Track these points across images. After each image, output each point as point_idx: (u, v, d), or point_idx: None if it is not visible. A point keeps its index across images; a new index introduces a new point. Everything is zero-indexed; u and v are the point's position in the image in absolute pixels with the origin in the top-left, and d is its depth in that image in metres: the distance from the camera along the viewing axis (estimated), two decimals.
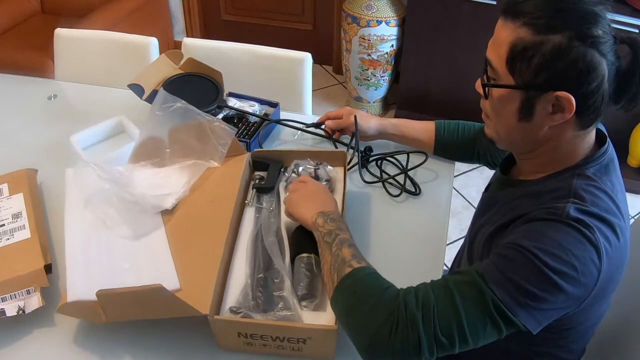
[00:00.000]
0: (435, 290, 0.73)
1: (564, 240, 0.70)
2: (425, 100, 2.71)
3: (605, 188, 0.76)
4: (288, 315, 0.85)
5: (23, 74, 1.58)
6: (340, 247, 0.84)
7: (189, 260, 0.94)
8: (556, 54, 0.70)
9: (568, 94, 0.71)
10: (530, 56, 0.71)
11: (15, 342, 0.90)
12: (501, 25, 0.75)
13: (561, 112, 0.74)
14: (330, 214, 0.91)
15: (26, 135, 1.36)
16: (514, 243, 0.72)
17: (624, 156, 2.42)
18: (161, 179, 1.10)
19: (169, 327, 0.90)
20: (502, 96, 0.78)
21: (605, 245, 0.71)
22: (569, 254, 0.69)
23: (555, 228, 0.71)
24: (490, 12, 2.30)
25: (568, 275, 0.69)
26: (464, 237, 2.20)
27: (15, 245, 0.98)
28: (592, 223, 0.71)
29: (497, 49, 0.76)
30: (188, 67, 1.38)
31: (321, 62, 3.23)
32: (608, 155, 0.80)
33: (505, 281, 0.70)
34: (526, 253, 0.70)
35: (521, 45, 0.72)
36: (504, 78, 0.76)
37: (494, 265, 0.72)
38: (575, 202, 0.73)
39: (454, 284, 0.73)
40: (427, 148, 1.23)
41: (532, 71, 0.72)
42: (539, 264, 0.68)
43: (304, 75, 1.59)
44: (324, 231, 0.88)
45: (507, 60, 0.74)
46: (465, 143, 1.19)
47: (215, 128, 1.09)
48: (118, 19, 2.63)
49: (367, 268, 0.80)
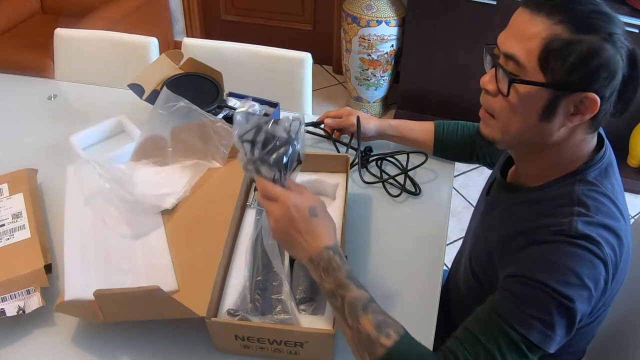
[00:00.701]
0: (472, 353, 0.72)
1: (576, 265, 0.70)
2: (425, 100, 2.71)
3: (607, 192, 0.76)
4: (286, 318, 0.85)
5: (23, 74, 1.58)
6: (357, 318, 0.75)
7: (188, 261, 0.94)
8: (592, 54, 0.69)
9: (595, 95, 0.71)
10: (567, 54, 0.70)
11: (15, 342, 0.90)
12: (529, 19, 0.72)
13: (580, 114, 0.73)
14: (319, 261, 0.78)
15: (26, 135, 1.36)
16: (529, 277, 0.71)
17: (624, 156, 2.42)
18: (162, 179, 1.10)
19: (167, 328, 0.90)
20: (528, 93, 0.74)
21: (611, 255, 0.72)
22: (583, 277, 0.69)
23: (565, 252, 0.70)
24: (490, 12, 2.30)
25: (585, 297, 0.70)
26: (463, 237, 2.20)
27: (15, 245, 0.98)
28: (598, 237, 0.71)
29: (523, 43, 0.72)
30: (188, 67, 1.38)
31: (321, 62, 3.23)
32: (607, 158, 0.80)
33: (528, 319, 0.70)
34: (544, 288, 0.70)
35: (558, 43, 0.70)
36: (532, 74, 0.73)
37: (512, 304, 0.72)
38: (580, 212, 0.73)
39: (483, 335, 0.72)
40: (426, 148, 1.23)
41: (566, 70, 0.70)
42: (559, 297, 0.69)
43: (304, 75, 1.59)
44: (326, 291, 0.79)
45: (540, 56, 0.71)
46: (464, 143, 1.19)
47: (218, 128, 1.09)
48: (118, 19, 2.63)
49: (400, 345, 0.73)
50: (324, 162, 1.13)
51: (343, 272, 0.78)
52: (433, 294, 0.98)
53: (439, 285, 1.00)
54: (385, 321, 0.75)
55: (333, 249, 0.79)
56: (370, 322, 0.74)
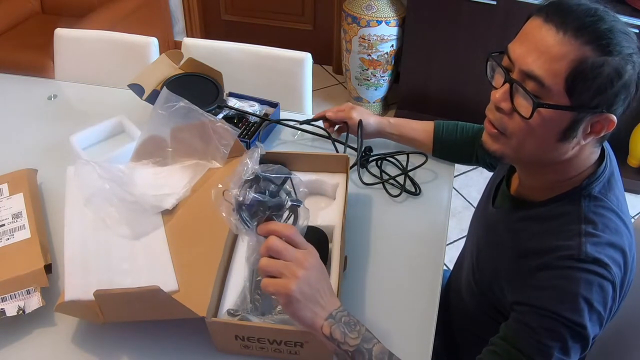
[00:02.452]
0: None
1: (586, 291, 0.70)
2: (425, 100, 2.71)
3: (612, 206, 0.76)
4: (286, 318, 0.85)
5: (23, 74, 1.58)
6: None
7: (188, 262, 0.94)
8: (617, 75, 0.68)
9: (613, 116, 0.70)
10: (594, 77, 0.67)
11: (15, 342, 0.90)
12: (554, 38, 0.68)
13: (596, 132, 0.72)
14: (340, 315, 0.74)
15: (26, 135, 1.36)
16: (542, 308, 0.71)
17: (624, 156, 2.42)
18: (162, 179, 1.10)
19: (167, 329, 0.90)
20: (550, 117, 0.71)
21: (618, 274, 0.72)
22: (593, 302, 0.70)
23: (575, 279, 0.70)
24: (490, 12, 2.30)
25: (596, 320, 0.71)
26: (463, 237, 2.20)
27: (15, 245, 0.98)
28: (607, 258, 0.71)
29: (549, 64, 0.68)
30: (188, 67, 1.38)
31: (321, 62, 3.23)
32: (608, 169, 0.79)
33: (546, 350, 0.71)
34: (557, 318, 0.70)
35: (585, 65, 0.67)
36: (557, 97, 0.69)
37: (529, 337, 0.72)
38: (587, 232, 0.72)
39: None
40: (425, 149, 1.22)
41: (592, 92, 0.68)
42: (572, 325, 0.70)
43: (304, 75, 1.59)
44: (350, 349, 0.73)
45: (567, 79, 0.68)
46: (464, 144, 1.18)
47: (218, 128, 1.09)
48: (118, 19, 2.63)
49: None
50: (324, 162, 1.13)
51: (362, 326, 0.75)
52: (433, 294, 0.98)
53: (439, 285, 1.00)
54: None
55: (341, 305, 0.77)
56: None
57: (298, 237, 0.75)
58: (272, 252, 0.73)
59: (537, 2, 0.74)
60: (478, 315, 0.93)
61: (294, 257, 0.73)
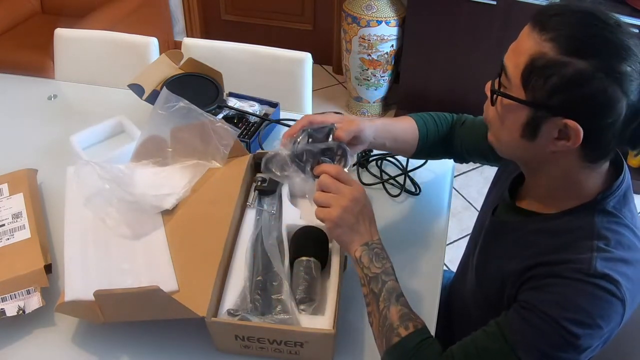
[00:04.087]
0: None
1: (591, 305, 0.69)
2: (425, 100, 2.71)
3: (627, 222, 0.74)
4: (286, 318, 0.85)
5: (23, 74, 1.58)
6: (389, 305, 0.80)
7: (188, 262, 0.94)
8: (577, 80, 0.65)
9: (577, 125, 0.67)
10: (549, 75, 0.67)
11: (15, 342, 0.90)
12: (527, 33, 0.70)
13: (566, 140, 0.70)
14: (374, 246, 0.85)
15: (26, 135, 1.36)
16: (543, 311, 0.70)
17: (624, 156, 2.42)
18: (162, 179, 1.10)
19: (167, 328, 0.90)
20: (509, 107, 0.74)
21: (630, 290, 0.70)
22: (595, 317, 0.69)
23: (582, 292, 0.69)
24: (490, 12, 2.30)
25: (594, 335, 0.69)
26: (463, 237, 2.20)
27: (15, 245, 0.98)
28: (617, 274, 0.69)
29: (516, 57, 0.71)
30: (188, 67, 1.38)
31: (321, 62, 3.23)
32: (625, 183, 0.77)
33: (534, 350, 0.70)
34: (554, 324, 0.69)
35: (542, 61, 0.67)
36: (515, 89, 0.72)
37: (521, 332, 0.72)
38: (600, 247, 0.71)
39: (486, 354, 0.73)
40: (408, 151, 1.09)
41: (546, 91, 0.68)
42: (567, 335, 0.69)
43: (304, 75, 1.59)
44: (370, 274, 0.83)
45: (524, 72, 0.70)
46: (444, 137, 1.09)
47: (218, 128, 1.09)
48: (118, 19, 2.63)
49: (414, 336, 0.78)
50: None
51: (389, 262, 0.85)
52: (433, 294, 0.98)
53: (439, 285, 1.00)
54: (409, 315, 0.80)
55: (380, 239, 0.87)
56: (398, 312, 0.80)
57: (344, 175, 0.88)
58: (324, 188, 0.86)
59: (536, 2, 0.75)
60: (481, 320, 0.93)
61: (340, 191, 0.85)
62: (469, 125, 1.09)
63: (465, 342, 0.77)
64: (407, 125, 1.07)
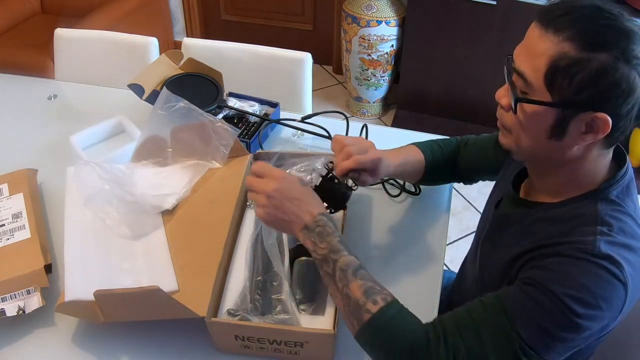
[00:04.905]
0: (465, 338, 0.73)
1: (593, 284, 0.69)
2: (425, 100, 2.71)
3: (629, 211, 0.75)
4: (286, 318, 0.85)
5: (23, 74, 1.58)
6: (347, 283, 0.78)
7: (188, 262, 0.94)
8: (601, 73, 0.66)
9: (606, 116, 0.68)
10: (574, 73, 0.67)
11: (15, 342, 0.90)
12: (539, 35, 0.70)
13: (593, 133, 0.71)
14: (315, 226, 0.82)
15: (26, 135, 1.36)
16: (544, 286, 0.70)
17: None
18: (162, 179, 1.10)
19: (167, 329, 0.90)
20: (534, 113, 0.73)
21: (631, 274, 0.70)
22: (598, 297, 0.69)
23: (585, 269, 0.69)
24: (490, 12, 2.30)
25: (595, 317, 0.69)
26: (463, 237, 2.21)
27: (15, 245, 0.98)
28: (620, 257, 0.70)
29: (532, 61, 0.70)
30: (188, 67, 1.38)
31: (321, 62, 3.23)
32: (629, 174, 0.78)
33: (533, 325, 0.70)
34: (555, 300, 0.69)
35: (565, 61, 0.67)
36: (539, 93, 0.71)
37: (521, 306, 0.71)
38: (603, 232, 0.71)
39: (483, 325, 0.73)
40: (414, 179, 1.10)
41: (573, 89, 0.68)
42: (569, 313, 0.68)
43: (304, 75, 1.59)
44: (319, 257, 0.81)
45: (546, 75, 0.69)
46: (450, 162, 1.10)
47: (218, 128, 1.09)
48: (118, 19, 2.63)
49: (387, 310, 0.76)
50: None
51: (336, 237, 0.81)
52: (433, 294, 0.98)
53: (439, 285, 1.00)
54: (373, 288, 0.77)
55: (326, 215, 0.84)
56: (359, 288, 0.77)
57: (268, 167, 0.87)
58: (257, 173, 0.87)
59: (536, 2, 0.75)
60: None
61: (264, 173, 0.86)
62: (472, 143, 1.10)
63: (458, 312, 0.76)
64: (418, 158, 1.06)
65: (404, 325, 0.76)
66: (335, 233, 0.82)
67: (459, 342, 0.73)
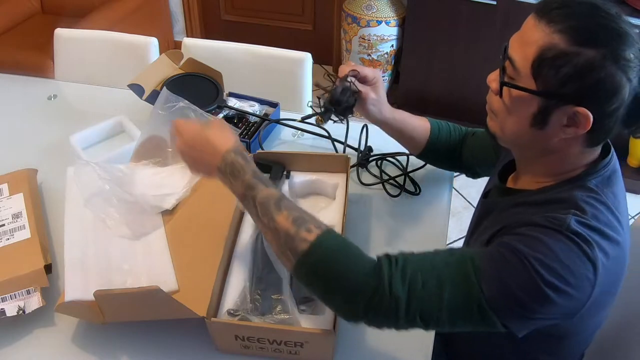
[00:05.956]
0: (424, 275, 0.72)
1: (563, 254, 0.69)
2: (425, 100, 2.71)
3: (606, 201, 0.75)
4: (286, 318, 0.85)
5: (23, 74, 1.58)
6: (272, 217, 0.75)
7: (188, 262, 0.95)
8: (587, 68, 0.67)
9: (587, 111, 0.69)
10: (560, 65, 0.69)
11: (15, 342, 0.90)
12: (533, 25, 0.72)
13: (575, 127, 0.72)
14: (225, 165, 0.80)
15: (26, 135, 1.36)
16: (513, 246, 0.71)
17: (624, 156, 2.42)
18: (162, 179, 1.10)
19: (167, 329, 0.90)
20: (519, 98, 0.75)
21: (602, 260, 0.70)
22: (566, 268, 0.68)
23: (555, 239, 0.70)
24: (490, 12, 2.30)
25: (561, 289, 0.68)
26: (463, 237, 2.20)
27: (15, 245, 0.98)
28: (591, 238, 0.70)
29: (523, 49, 0.72)
30: (188, 67, 1.38)
31: (321, 62, 3.22)
32: (611, 166, 0.78)
33: (497, 282, 0.70)
34: (523, 260, 0.69)
35: (553, 52, 0.69)
36: (525, 80, 0.73)
37: (489, 262, 0.71)
38: (576, 213, 0.72)
39: (446, 269, 0.72)
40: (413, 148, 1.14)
41: (558, 81, 0.69)
42: (534, 275, 0.68)
43: (304, 75, 1.59)
44: (239, 197, 0.80)
45: (534, 63, 0.71)
46: (455, 146, 1.13)
47: None
48: (118, 19, 2.62)
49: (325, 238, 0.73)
50: (324, 162, 1.13)
51: (248, 172, 0.79)
52: None
53: None
54: (301, 217, 0.75)
55: (234, 151, 0.81)
56: (286, 218, 0.74)
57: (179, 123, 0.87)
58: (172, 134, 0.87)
59: (537, 2, 0.75)
60: None
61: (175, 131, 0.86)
62: (479, 135, 1.11)
63: (425, 252, 0.76)
64: (422, 122, 1.12)
65: (350, 253, 0.74)
66: (247, 168, 0.79)
67: (417, 277, 0.72)
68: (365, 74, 1.06)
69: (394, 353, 0.90)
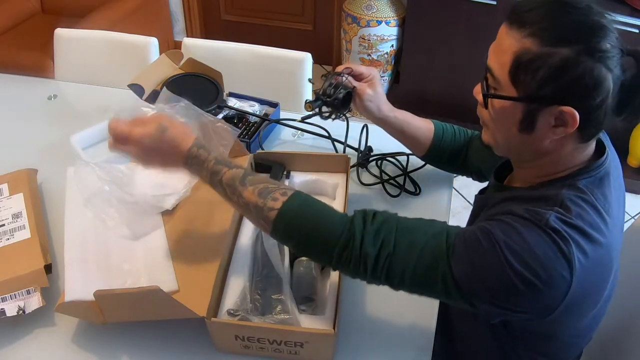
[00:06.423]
0: (398, 237, 0.75)
1: (536, 247, 0.68)
2: (425, 101, 2.71)
3: (594, 202, 0.74)
4: (286, 318, 0.85)
5: (23, 74, 1.58)
6: (240, 194, 0.80)
7: (188, 262, 0.95)
8: (563, 67, 0.67)
9: (572, 109, 0.69)
10: (536, 68, 0.69)
11: (15, 342, 0.90)
12: (505, 32, 0.72)
13: (563, 126, 0.71)
14: (191, 161, 0.84)
15: (26, 135, 1.36)
16: (489, 230, 0.71)
17: (624, 156, 2.42)
18: (162, 179, 1.10)
19: (167, 329, 0.90)
20: (503, 107, 0.75)
21: (580, 260, 0.69)
22: (537, 261, 0.68)
23: (532, 231, 0.69)
24: (490, 12, 2.30)
25: (529, 282, 0.68)
26: None
27: (15, 245, 0.98)
28: (570, 236, 0.69)
29: (499, 57, 0.73)
30: (188, 67, 1.38)
31: (321, 62, 3.22)
32: (605, 167, 0.77)
33: (467, 261, 0.71)
34: (495, 245, 0.69)
35: (527, 57, 0.69)
36: (506, 88, 0.73)
37: (463, 241, 0.72)
38: (558, 211, 0.71)
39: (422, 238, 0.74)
40: (417, 149, 1.14)
41: (536, 84, 0.70)
42: (503, 261, 0.68)
43: (304, 76, 1.59)
44: (209, 184, 0.84)
45: (511, 71, 0.71)
46: (459, 149, 1.13)
47: (218, 128, 1.09)
48: (118, 19, 2.63)
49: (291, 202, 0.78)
50: (324, 162, 1.13)
51: (211, 160, 0.83)
52: None
53: None
54: (266, 187, 0.79)
55: (195, 145, 0.85)
56: (252, 193, 0.79)
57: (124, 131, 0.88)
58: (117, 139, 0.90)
59: None
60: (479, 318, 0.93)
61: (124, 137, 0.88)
62: None
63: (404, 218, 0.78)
64: (425, 123, 1.13)
65: (317, 212, 0.78)
66: (210, 156, 0.83)
67: (390, 237, 0.75)
68: (360, 71, 1.08)
69: (394, 353, 0.90)
